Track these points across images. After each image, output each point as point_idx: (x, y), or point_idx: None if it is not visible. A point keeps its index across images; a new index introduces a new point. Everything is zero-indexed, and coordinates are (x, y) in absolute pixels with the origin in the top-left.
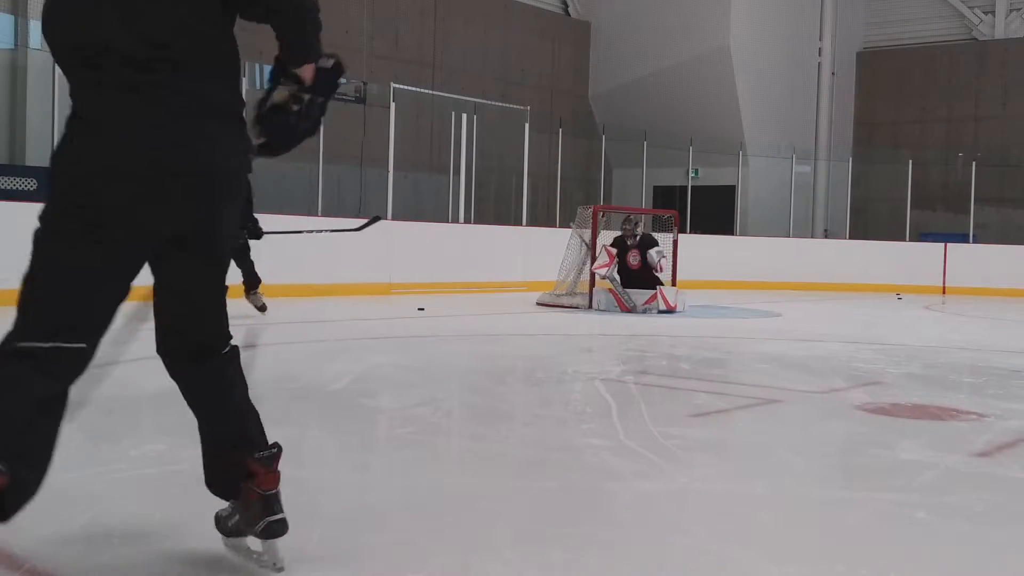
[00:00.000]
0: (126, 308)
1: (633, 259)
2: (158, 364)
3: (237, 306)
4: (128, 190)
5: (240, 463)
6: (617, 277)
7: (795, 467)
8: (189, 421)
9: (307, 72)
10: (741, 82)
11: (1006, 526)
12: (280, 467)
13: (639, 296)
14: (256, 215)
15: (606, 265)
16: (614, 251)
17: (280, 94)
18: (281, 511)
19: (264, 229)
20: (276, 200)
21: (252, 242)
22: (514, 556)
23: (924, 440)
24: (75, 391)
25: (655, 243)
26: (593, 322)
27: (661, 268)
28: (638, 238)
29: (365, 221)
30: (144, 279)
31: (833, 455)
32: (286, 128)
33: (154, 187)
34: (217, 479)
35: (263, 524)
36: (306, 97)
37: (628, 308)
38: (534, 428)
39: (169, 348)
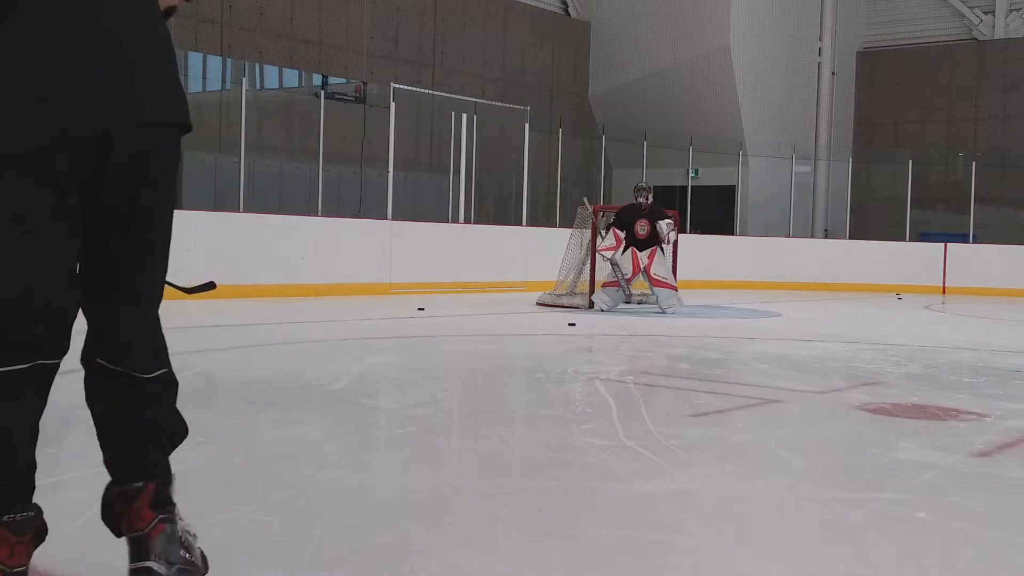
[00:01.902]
0: None
1: (641, 228)
2: None
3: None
4: None
5: None
6: (620, 263)
7: (795, 467)
8: (189, 421)
9: None
10: (741, 82)
11: (1006, 526)
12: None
13: (627, 267)
14: (254, 215)
15: (612, 248)
16: (622, 235)
17: None
18: None
19: None
20: (276, 200)
21: None
22: (514, 556)
23: (924, 440)
24: (74, 392)
25: (665, 216)
26: (593, 322)
27: (670, 240)
28: (649, 207)
29: (199, 284)
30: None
31: (833, 455)
32: None
33: None
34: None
35: None
36: None
37: (627, 296)
38: (534, 428)
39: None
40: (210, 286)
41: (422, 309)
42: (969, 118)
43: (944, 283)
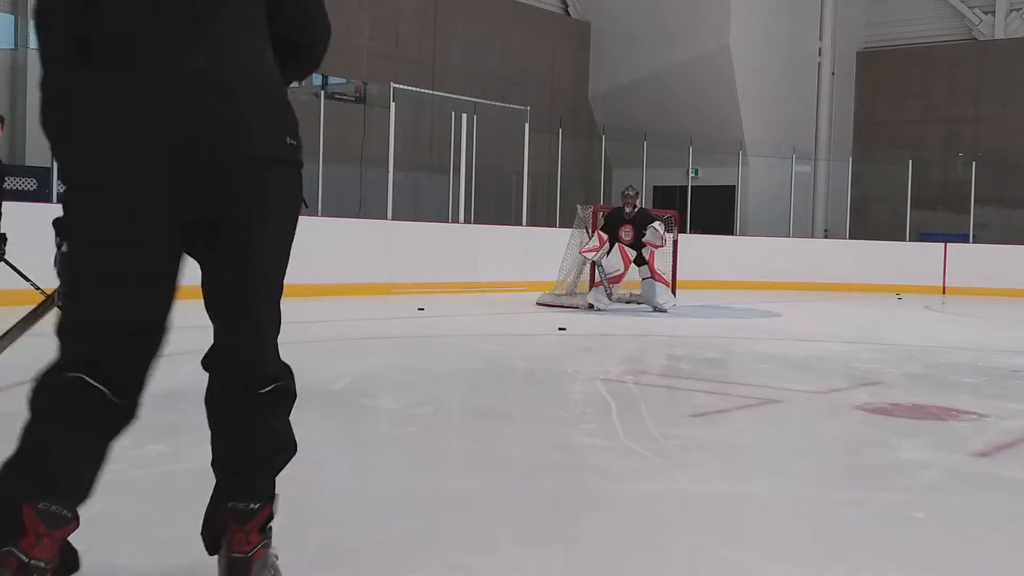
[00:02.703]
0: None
1: (626, 234)
2: (158, 363)
3: None
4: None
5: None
6: (604, 264)
7: (795, 467)
8: (189, 421)
9: None
10: (741, 82)
11: (1006, 526)
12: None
13: (611, 265)
14: None
15: (595, 250)
16: (605, 236)
17: None
18: None
19: None
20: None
21: None
22: (514, 556)
23: (924, 440)
24: None
25: (652, 219)
26: (593, 322)
27: (666, 240)
28: (635, 212)
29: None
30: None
31: (833, 455)
32: None
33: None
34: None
35: None
36: None
37: (608, 293)
38: (534, 428)
39: None
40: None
41: (422, 309)
42: (969, 118)
43: (944, 283)
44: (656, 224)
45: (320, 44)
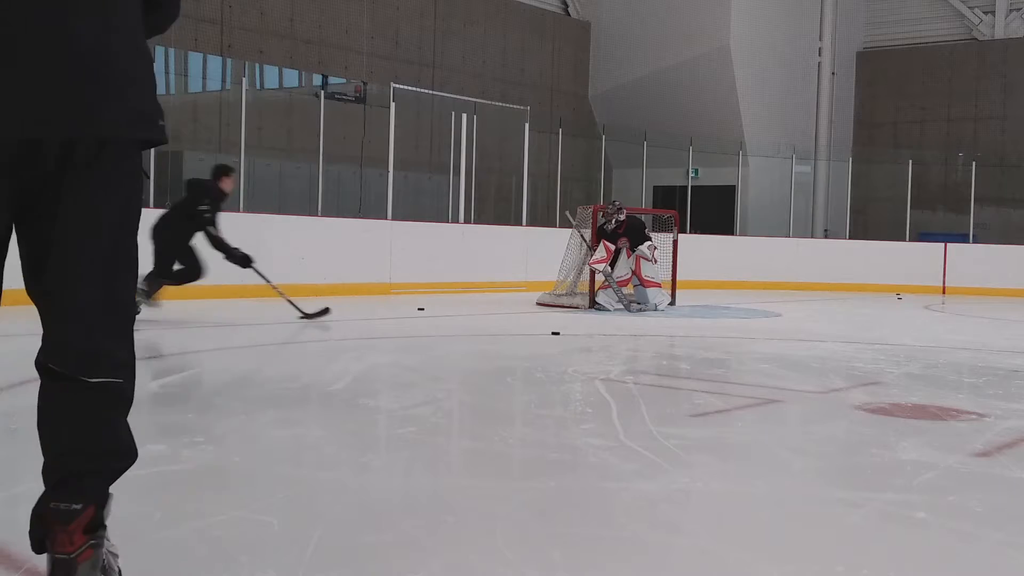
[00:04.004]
0: None
1: (623, 244)
2: (158, 364)
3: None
4: None
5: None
6: (611, 271)
7: (795, 467)
8: (189, 421)
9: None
10: (741, 82)
11: (1006, 526)
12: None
13: (621, 269)
14: (254, 215)
15: (603, 260)
16: (612, 246)
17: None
18: None
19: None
20: (276, 200)
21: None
22: (514, 556)
23: (924, 440)
24: None
25: (643, 231)
26: (593, 322)
27: (656, 260)
28: (622, 224)
29: (318, 310)
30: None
31: (833, 455)
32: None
33: None
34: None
35: None
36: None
37: (622, 301)
38: (534, 428)
39: None
40: (325, 312)
41: (422, 309)
42: (969, 118)
43: (944, 283)
44: (645, 246)
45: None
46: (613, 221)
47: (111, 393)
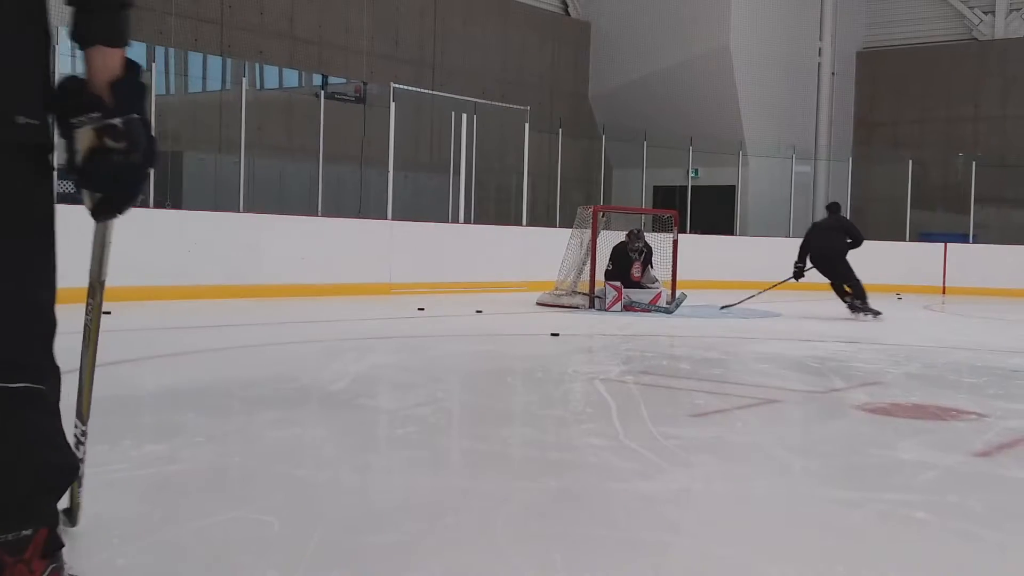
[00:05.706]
0: None
1: (636, 271)
2: (158, 364)
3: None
4: None
5: None
6: (635, 299)
7: (795, 467)
8: (189, 421)
9: (105, 91)
10: (741, 82)
11: (1006, 526)
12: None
13: (644, 295)
14: (254, 215)
15: (616, 300)
16: (618, 284)
17: (85, 135)
18: None
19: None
20: (276, 200)
21: None
22: (514, 556)
23: (924, 440)
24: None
25: (651, 253)
26: (593, 322)
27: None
28: (642, 253)
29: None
30: None
31: (833, 455)
32: (119, 171)
33: None
34: None
35: None
36: (118, 122)
37: (645, 310)
38: (534, 428)
39: None
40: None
41: (422, 309)
42: (969, 118)
43: (944, 283)
44: (656, 282)
45: None
46: (638, 252)
47: (39, 399)
